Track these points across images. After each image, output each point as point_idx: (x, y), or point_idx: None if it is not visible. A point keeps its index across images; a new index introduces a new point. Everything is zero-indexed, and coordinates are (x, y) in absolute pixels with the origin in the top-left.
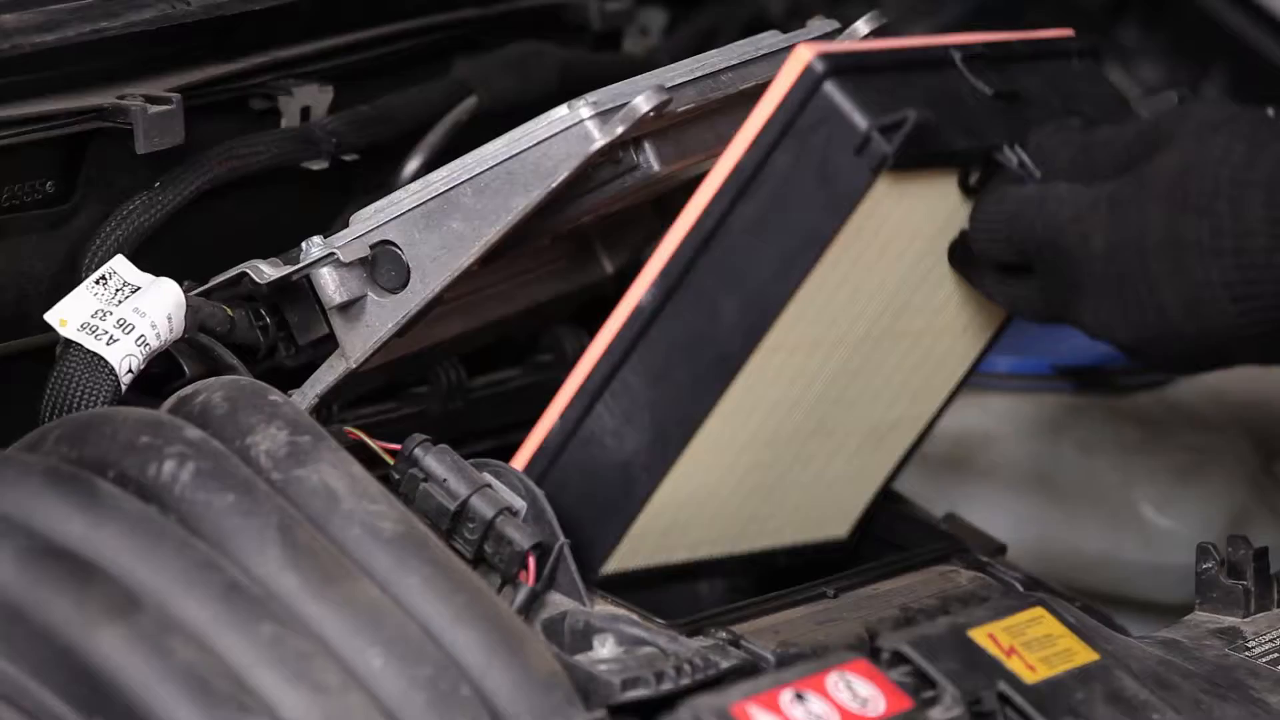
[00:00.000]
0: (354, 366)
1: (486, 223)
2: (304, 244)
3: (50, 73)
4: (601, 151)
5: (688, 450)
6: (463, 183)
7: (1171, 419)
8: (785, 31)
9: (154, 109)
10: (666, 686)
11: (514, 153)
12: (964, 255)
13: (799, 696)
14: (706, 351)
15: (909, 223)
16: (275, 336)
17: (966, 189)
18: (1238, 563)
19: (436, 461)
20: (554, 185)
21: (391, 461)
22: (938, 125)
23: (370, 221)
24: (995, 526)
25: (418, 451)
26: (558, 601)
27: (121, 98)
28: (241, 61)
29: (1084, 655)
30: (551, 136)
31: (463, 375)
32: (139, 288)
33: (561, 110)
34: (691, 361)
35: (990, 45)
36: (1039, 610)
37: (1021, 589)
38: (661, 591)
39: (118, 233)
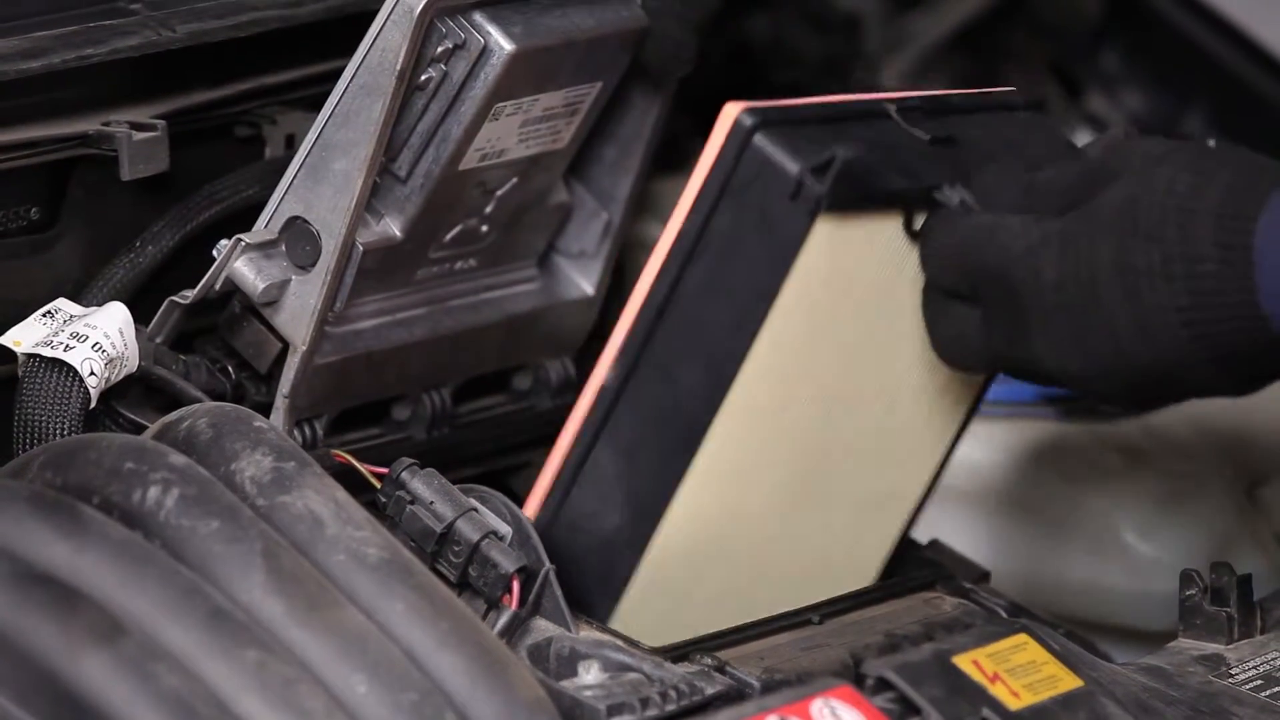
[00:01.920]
0: (305, 348)
1: (361, 146)
2: (214, 251)
3: (35, 99)
4: (438, 34)
5: (665, 524)
6: (325, 122)
7: (1155, 446)
8: None
9: (139, 135)
10: (651, 713)
11: (356, 65)
12: (925, 290)
13: None
14: (673, 421)
15: (858, 271)
16: (239, 376)
17: (911, 232)
18: (1221, 589)
19: (424, 485)
20: (399, 67)
21: (378, 485)
22: (872, 165)
23: (270, 202)
24: (979, 553)
25: (405, 474)
26: (543, 627)
27: (106, 124)
28: (227, 88)
29: (1068, 682)
30: (381, 29)
31: (448, 402)
32: (85, 315)
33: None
34: (659, 433)
35: (926, 98)
36: (1023, 637)
37: (1005, 615)
38: None
39: (101, 295)
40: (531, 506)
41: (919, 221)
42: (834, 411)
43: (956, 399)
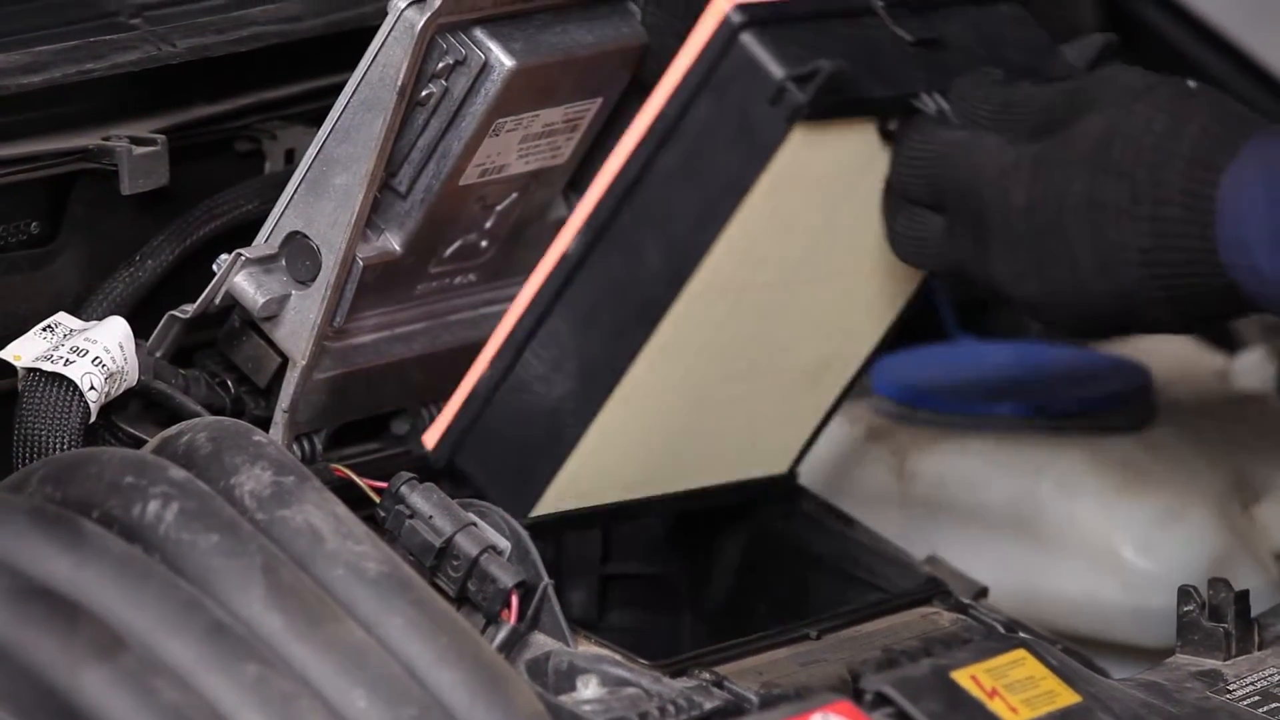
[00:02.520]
0: (304, 362)
1: (362, 161)
2: (214, 265)
3: (36, 114)
4: (438, 50)
5: (616, 393)
6: (327, 137)
7: (1152, 462)
8: None
9: (139, 150)
10: None
11: (357, 81)
12: (886, 186)
13: None
14: (632, 297)
15: (829, 170)
16: (239, 391)
17: (886, 134)
18: (1219, 606)
19: (423, 499)
20: (400, 82)
21: (378, 499)
22: (855, 74)
23: (270, 217)
24: (976, 569)
25: (404, 489)
26: (541, 642)
27: (107, 139)
28: (227, 103)
29: (1066, 697)
30: (382, 45)
31: None
32: (85, 329)
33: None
34: (617, 307)
35: None
36: (1021, 652)
37: (1003, 631)
38: (644, 632)
39: (101, 310)
40: (481, 364)
41: (893, 124)
42: (787, 297)
43: (902, 285)
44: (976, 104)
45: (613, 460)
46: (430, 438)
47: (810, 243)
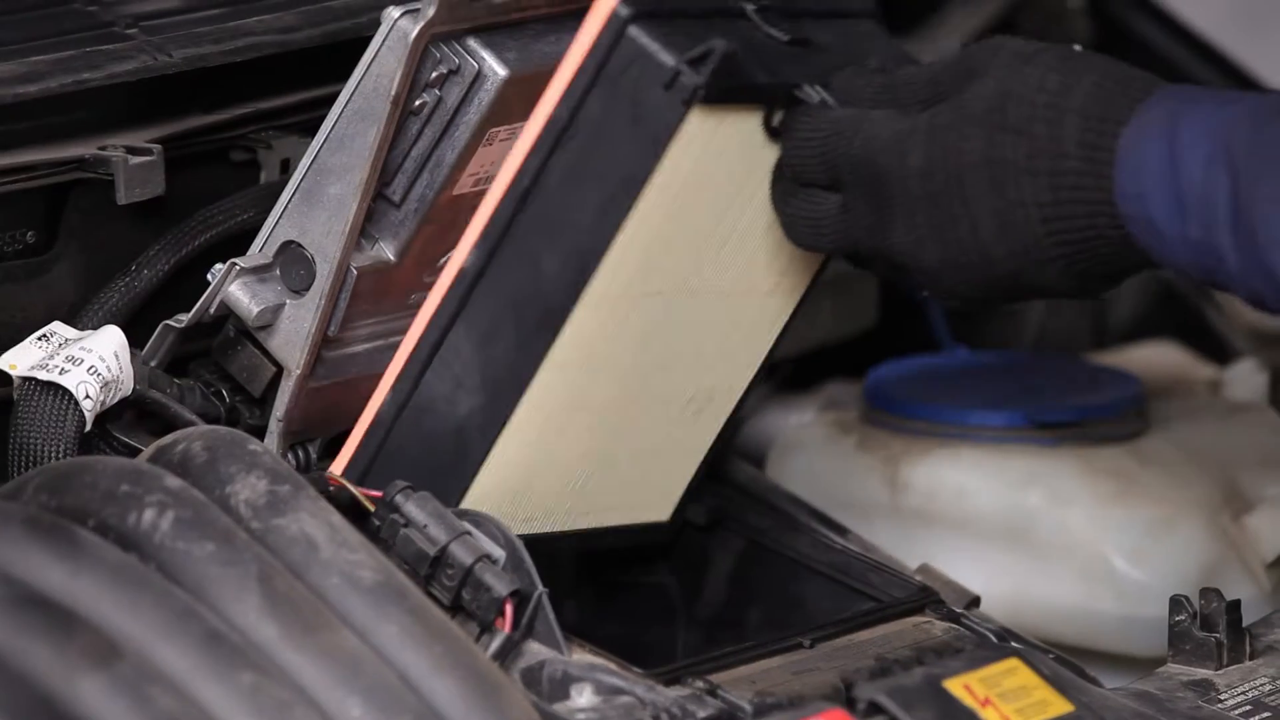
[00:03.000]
0: (299, 371)
1: (356, 171)
2: (209, 275)
3: (32, 123)
4: (432, 59)
5: (520, 410)
6: (321, 147)
7: (1144, 472)
8: None
9: (135, 160)
10: None
11: (351, 90)
12: (774, 178)
13: None
14: (532, 307)
15: (719, 166)
16: (233, 400)
17: (771, 130)
18: (1210, 615)
19: (417, 508)
20: (394, 92)
21: (372, 509)
22: (743, 61)
23: (264, 227)
24: (969, 578)
25: (399, 498)
26: (536, 650)
27: (103, 148)
28: (223, 113)
29: (1059, 707)
30: (376, 54)
31: None
32: (81, 338)
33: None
34: (518, 319)
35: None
36: (1014, 661)
37: (995, 640)
38: (638, 640)
39: (96, 319)
40: (383, 389)
41: (778, 118)
42: (680, 307)
43: (783, 298)
44: (860, 88)
45: (518, 487)
46: (337, 467)
47: (699, 249)
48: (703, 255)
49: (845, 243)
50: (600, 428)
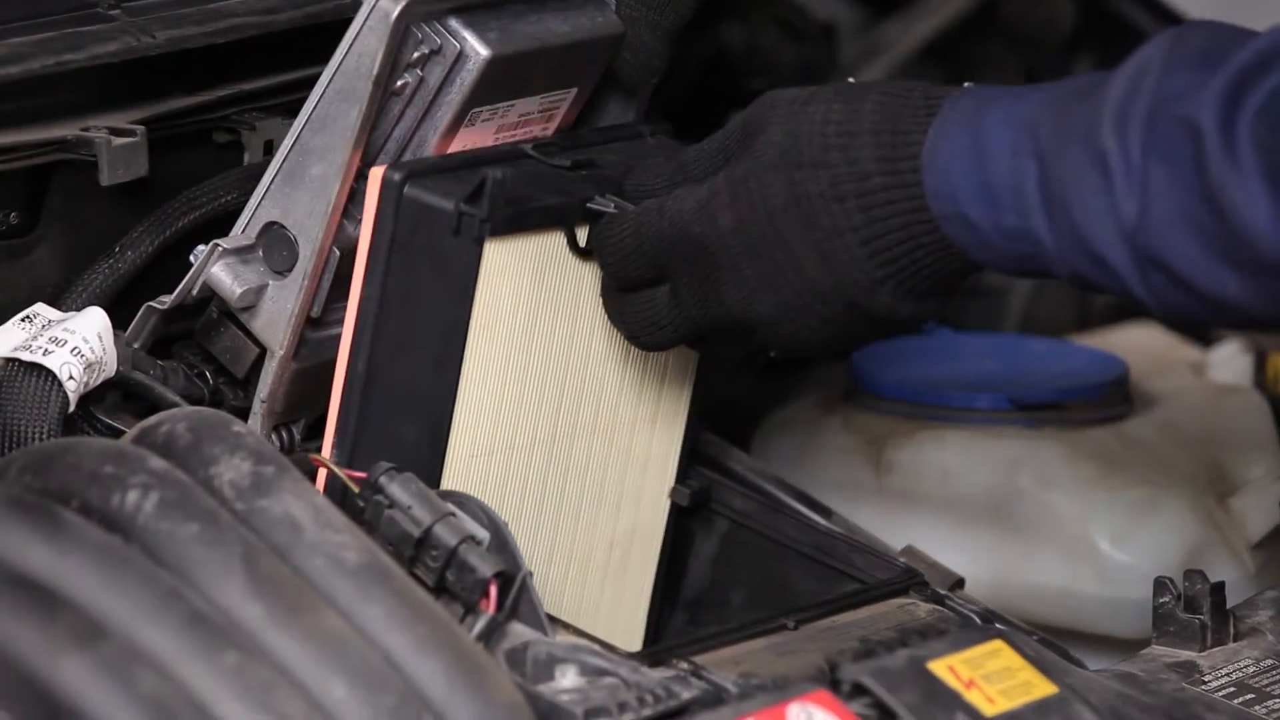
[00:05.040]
0: (282, 352)
1: (338, 151)
2: (191, 256)
3: (14, 104)
4: (414, 39)
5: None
6: (302, 128)
7: (1128, 454)
8: None
9: (118, 141)
10: (628, 717)
11: (332, 71)
12: (602, 294)
13: None
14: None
15: (539, 299)
16: (217, 381)
17: (580, 250)
18: (1194, 597)
19: (401, 489)
20: (376, 72)
21: (356, 489)
22: (523, 187)
23: (247, 208)
24: (953, 560)
25: (383, 479)
26: (520, 631)
27: (86, 130)
28: (206, 94)
29: (1043, 688)
30: (358, 34)
31: None
32: (64, 319)
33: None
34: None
35: (560, 136)
36: (998, 643)
37: (980, 622)
38: None
39: (79, 301)
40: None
41: (583, 236)
42: (561, 450)
43: (668, 425)
44: (652, 180)
45: None
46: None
47: (552, 387)
48: (561, 395)
49: (685, 326)
50: (547, 583)
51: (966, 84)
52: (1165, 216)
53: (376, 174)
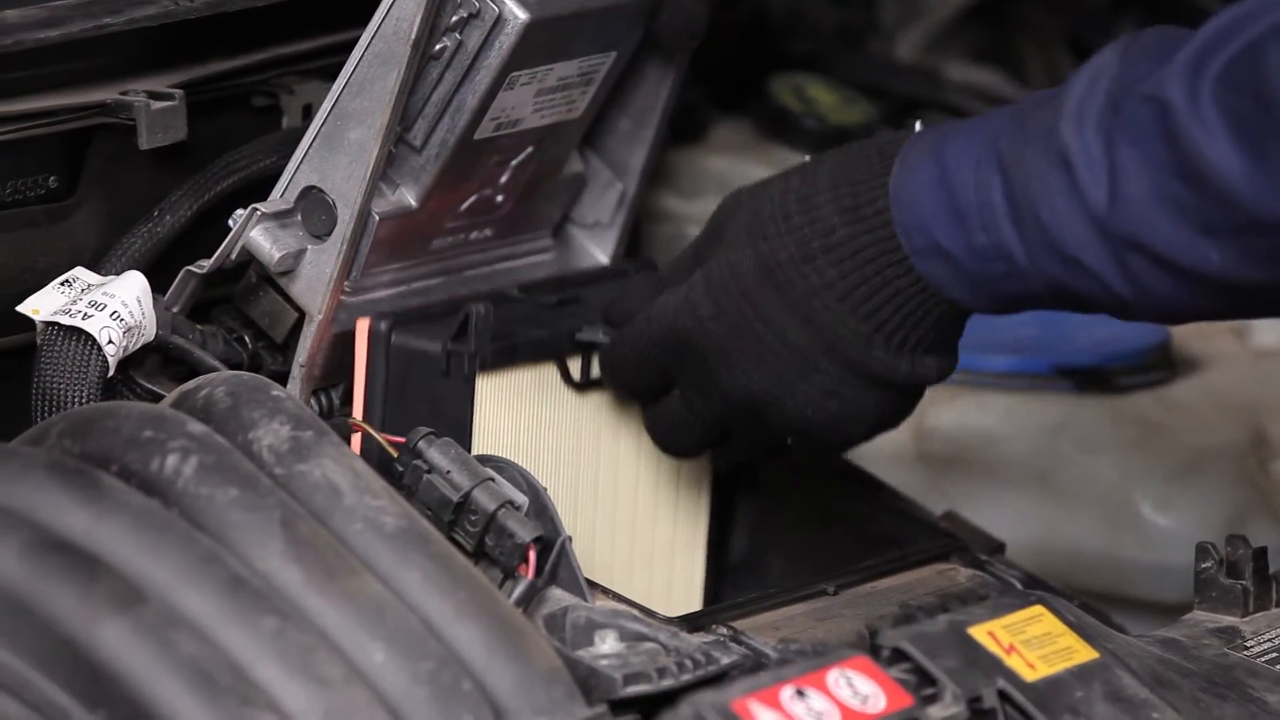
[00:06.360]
0: (321, 317)
1: (376, 115)
2: (230, 220)
3: (54, 68)
4: (452, 3)
5: None
6: (341, 92)
7: (1171, 419)
8: None
9: (157, 105)
10: (668, 682)
11: (371, 34)
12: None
13: (800, 693)
14: None
15: (540, 432)
16: (256, 346)
17: (572, 382)
18: (1236, 562)
19: (440, 454)
20: (414, 35)
21: (395, 454)
22: (510, 324)
23: (285, 172)
24: (994, 525)
25: (422, 444)
26: (559, 596)
27: (125, 93)
28: (244, 58)
29: (1084, 653)
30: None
31: None
32: (103, 284)
33: None
34: None
35: (544, 279)
36: (1039, 608)
37: (1020, 587)
38: None
39: (119, 265)
40: None
41: (575, 368)
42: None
43: (695, 515)
44: (634, 299)
45: None
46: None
47: (571, 516)
48: (574, 521)
49: (700, 425)
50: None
51: (918, 125)
52: (1139, 196)
53: (363, 325)
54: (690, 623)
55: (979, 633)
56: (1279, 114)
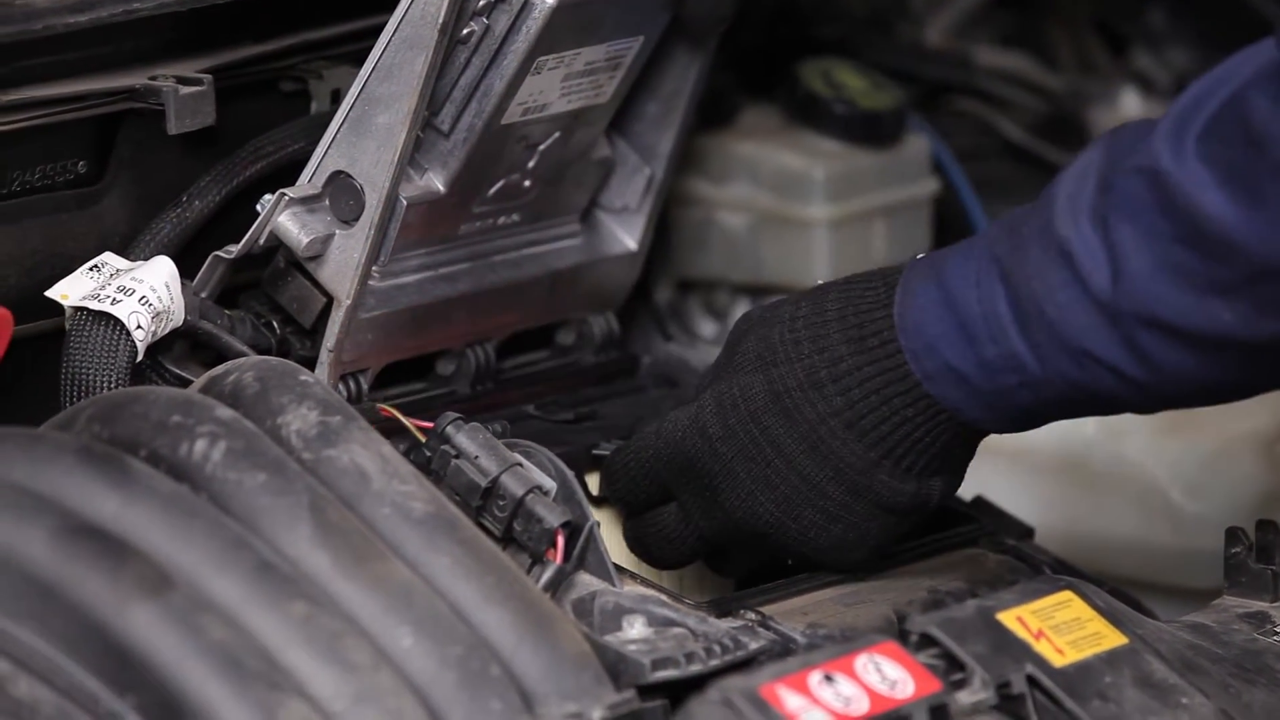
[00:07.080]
0: (349, 302)
1: (404, 100)
2: (258, 206)
3: (82, 53)
4: None
5: None
6: (369, 76)
7: None
8: None
9: (185, 90)
10: (696, 667)
11: (399, 19)
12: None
13: (828, 678)
14: None
15: None
16: (284, 331)
17: (591, 497)
18: (1266, 547)
19: (468, 439)
20: (442, 20)
21: (423, 439)
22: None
23: (313, 157)
24: (1023, 510)
25: (450, 429)
26: (587, 582)
27: (153, 78)
28: (273, 43)
29: (1113, 639)
30: None
31: (492, 357)
32: (132, 269)
33: None
34: None
35: (559, 395)
36: (1068, 594)
37: (1050, 572)
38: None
39: (147, 250)
40: None
41: (594, 484)
42: None
43: None
44: (646, 418)
45: None
46: None
47: None
48: None
49: (695, 540)
50: None
51: (919, 255)
52: (1143, 270)
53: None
54: (718, 608)
55: (1008, 618)
56: (1272, 153)
